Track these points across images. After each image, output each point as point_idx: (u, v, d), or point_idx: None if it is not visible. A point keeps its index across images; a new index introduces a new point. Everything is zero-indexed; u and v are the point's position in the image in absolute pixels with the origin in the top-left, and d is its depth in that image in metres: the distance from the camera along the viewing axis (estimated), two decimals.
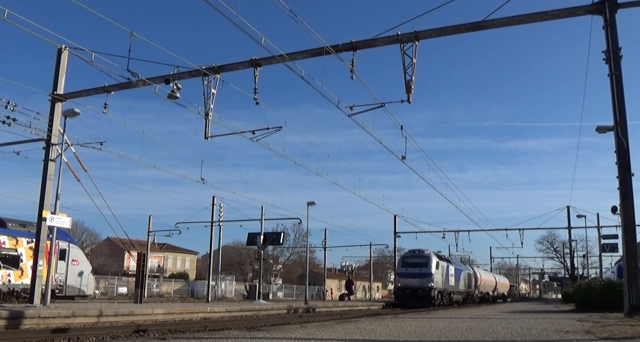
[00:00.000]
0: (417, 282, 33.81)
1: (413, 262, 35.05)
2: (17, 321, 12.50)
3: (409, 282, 34.25)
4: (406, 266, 35.26)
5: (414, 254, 36.22)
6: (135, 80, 16.40)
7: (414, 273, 34.28)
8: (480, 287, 49.82)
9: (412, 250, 37.38)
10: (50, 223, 17.46)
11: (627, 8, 13.57)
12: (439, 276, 34.98)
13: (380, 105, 15.61)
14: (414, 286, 33.76)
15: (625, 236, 13.04)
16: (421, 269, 34.22)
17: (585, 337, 8.31)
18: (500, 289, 61.90)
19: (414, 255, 36.06)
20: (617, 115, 13.12)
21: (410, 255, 36.54)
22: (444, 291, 36.23)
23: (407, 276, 34.65)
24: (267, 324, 13.58)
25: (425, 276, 33.94)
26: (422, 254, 35.67)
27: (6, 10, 13.45)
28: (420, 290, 33.28)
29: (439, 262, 35.79)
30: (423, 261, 34.74)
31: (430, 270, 34.13)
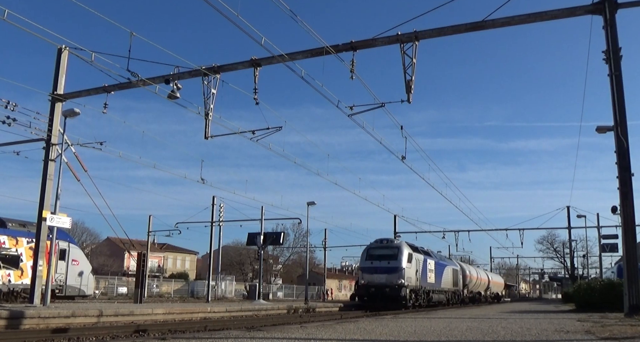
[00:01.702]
0: (384, 279, 27.93)
1: (380, 255, 29.16)
2: (17, 321, 12.50)
3: (374, 278, 28.35)
4: (371, 259, 29.34)
5: (380, 245, 30.17)
6: (135, 80, 16.40)
7: (381, 268, 28.42)
8: (470, 286, 45.04)
9: (379, 239, 30.94)
10: (50, 223, 17.46)
11: (627, 8, 13.58)
12: (412, 271, 29.18)
13: (380, 105, 15.61)
14: (380, 283, 27.91)
15: (625, 236, 13.04)
16: (389, 262, 28.33)
17: (585, 337, 8.31)
18: (494, 288, 57.71)
19: (381, 245, 30.03)
20: (617, 115, 13.12)
21: (376, 246, 30.37)
22: (420, 289, 30.31)
23: (372, 271, 28.70)
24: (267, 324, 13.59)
25: (394, 270, 28.02)
26: (391, 245, 29.79)
27: (6, 10, 13.47)
28: (388, 288, 27.44)
29: (413, 254, 29.83)
30: (392, 253, 28.85)
31: (400, 263, 28.17)
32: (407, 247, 29.78)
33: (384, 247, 29.76)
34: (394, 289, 27.37)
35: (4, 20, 13.37)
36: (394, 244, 29.93)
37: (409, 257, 28.92)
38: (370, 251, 30.09)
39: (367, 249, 30.47)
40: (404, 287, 27.54)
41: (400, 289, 27.40)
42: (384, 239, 30.80)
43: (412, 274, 29.28)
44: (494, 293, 57.40)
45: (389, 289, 27.43)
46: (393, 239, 31.16)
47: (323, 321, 13.94)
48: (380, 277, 28.21)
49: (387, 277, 27.96)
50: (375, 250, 29.88)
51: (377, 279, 28.22)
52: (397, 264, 28.21)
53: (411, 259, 29.27)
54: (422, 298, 30.47)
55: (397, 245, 29.66)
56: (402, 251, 28.88)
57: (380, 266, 28.56)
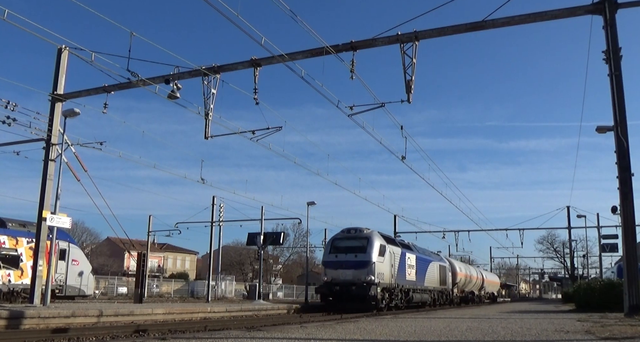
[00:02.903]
0: (351, 275, 24.00)
1: (346, 247, 25.08)
2: (17, 321, 12.50)
3: (339, 274, 24.36)
4: (336, 252, 25.17)
5: (347, 235, 25.87)
6: (135, 80, 16.40)
7: (347, 262, 24.37)
8: (461, 285, 41.59)
9: (346, 229, 26.56)
10: (50, 223, 17.46)
11: (627, 8, 13.59)
12: (385, 266, 25.08)
13: (380, 105, 15.62)
14: (346, 281, 23.97)
15: (625, 236, 13.05)
16: (357, 255, 24.33)
17: (585, 337, 8.31)
18: (489, 287, 54.45)
19: (348, 236, 25.77)
20: (617, 115, 13.12)
21: (342, 236, 26.09)
22: (396, 287, 26.28)
23: (337, 266, 24.63)
24: (267, 324, 13.59)
25: (362, 265, 24.01)
26: (360, 235, 25.38)
27: (6, 10, 13.47)
28: (355, 286, 23.50)
29: (386, 246, 25.68)
30: (360, 245, 24.73)
31: (369, 257, 24.07)
32: (379, 237, 25.46)
33: (351, 237, 25.46)
34: (362, 288, 23.38)
35: (4, 20, 13.39)
36: (362, 234, 25.34)
37: (380, 250, 24.81)
38: (336, 242, 25.86)
39: (332, 240, 26.25)
40: (373, 285, 23.49)
41: (369, 287, 23.35)
42: (352, 229, 26.22)
43: (386, 270, 25.11)
44: (488, 293, 54.51)
45: (355, 286, 23.45)
46: (362, 229, 25.83)
47: (323, 321, 13.95)
48: (346, 273, 24.22)
49: (353, 273, 23.98)
50: (341, 241, 25.68)
51: (342, 276, 24.23)
52: (366, 258, 24.10)
53: (384, 252, 25.07)
54: (398, 298, 26.54)
55: (366, 235, 25.17)
56: (373, 242, 24.71)
57: (346, 260, 24.47)
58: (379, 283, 23.94)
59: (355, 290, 23.37)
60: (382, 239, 25.60)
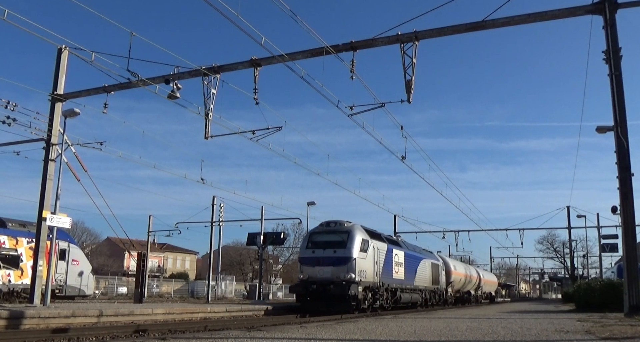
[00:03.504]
0: (329, 273, 21.59)
1: (325, 242, 22.80)
2: (17, 321, 12.50)
3: (316, 272, 21.93)
4: (314, 247, 22.79)
5: (326, 229, 23.52)
6: (135, 80, 16.40)
7: (325, 258, 22.06)
8: (456, 284, 39.40)
9: (325, 222, 24.16)
10: (50, 223, 17.46)
11: (627, 8, 13.60)
12: (367, 262, 22.78)
13: (380, 105, 15.63)
14: (324, 279, 21.57)
15: (625, 236, 13.06)
16: (335, 251, 22.03)
17: (585, 337, 8.31)
18: (486, 287, 52.21)
19: (327, 229, 23.44)
20: (617, 115, 13.13)
21: (320, 230, 23.77)
22: (380, 286, 23.96)
23: (314, 262, 22.17)
24: (267, 324, 13.59)
25: (342, 262, 21.68)
26: (340, 228, 23.07)
27: (6, 10, 13.47)
28: (333, 285, 21.15)
29: (369, 241, 23.34)
30: (340, 239, 22.47)
31: (349, 252, 21.76)
32: (361, 232, 23.12)
33: (331, 232, 23.12)
34: (340, 287, 20.96)
35: (4, 20, 13.39)
36: (343, 228, 23.00)
37: (362, 245, 22.51)
38: (313, 236, 23.50)
39: (310, 235, 23.89)
40: (354, 284, 21.08)
41: (348, 286, 20.90)
42: (332, 222, 23.85)
43: (369, 267, 22.79)
44: (486, 293, 52.46)
45: (333, 285, 21.10)
46: (343, 222, 23.53)
47: (323, 321, 13.95)
48: (323, 270, 21.80)
49: (332, 270, 21.57)
50: (319, 236, 23.30)
51: (319, 273, 21.82)
52: (346, 254, 21.76)
53: (366, 248, 22.76)
54: (383, 298, 24.14)
55: (347, 229, 22.88)
56: (354, 236, 22.38)
57: (324, 256, 22.11)
58: (360, 282, 21.60)
59: (333, 289, 20.99)
60: (364, 234, 23.25)
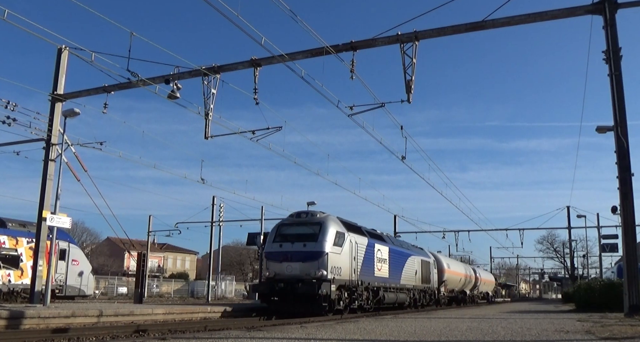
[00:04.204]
0: (298, 270, 19.02)
1: (294, 234, 20.17)
2: (17, 321, 12.49)
3: (283, 269, 19.29)
4: (282, 241, 20.11)
5: (296, 220, 20.84)
6: (135, 80, 16.41)
7: (293, 253, 19.41)
8: (450, 284, 36.94)
9: (296, 212, 21.57)
10: (50, 223, 17.46)
11: (627, 8, 13.60)
12: (343, 258, 20.11)
13: (380, 105, 15.64)
14: (292, 276, 18.96)
15: (625, 236, 13.06)
16: (305, 245, 19.41)
17: (585, 337, 8.31)
18: (483, 287, 50.08)
19: (297, 221, 20.76)
20: (617, 115, 13.14)
21: (290, 221, 21.02)
22: (359, 285, 21.20)
23: (281, 257, 19.53)
24: (267, 324, 13.59)
25: (312, 257, 19.03)
26: (311, 220, 20.42)
27: (6, 10, 13.48)
28: (301, 283, 18.54)
29: (345, 234, 20.59)
30: (310, 231, 19.87)
31: (321, 246, 19.13)
32: (335, 223, 20.40)
33: (301, 223, 20.48)
34: (310, 285, 18.26)
35: (4, 20, 13.39)
36: (315, 219, 20.35)
37: (337, 238, 19.84)
38: (282, 228, 20.74)
39: (278, 227, 21.10)
40: (325, 282, 18.42)
41: (319, 284, 18.20)
42: (302, 212, 21.40)
43: (344, 263, 20.12)
44: (482, 293, 50.42)
45: (302, 284, 18.46)
46: (315, 212, 21.15)
47: (323, 321, 13.95)
48: (291, 267, 19.19)
49: (301, 266, 19.02)
50: (287, 228, 20.64)
51: (287, 270, 19.19)
52: (317, 248, 19.11)
53: (342, 241, 20.14)
54: (362, 298, 21.44)
55: (319, 220, 20.18)
56: (327, 228, 19.66)
57: (293, 250, 19.46)
58: (333, 279, 18.96)
59: (301, 288, 18.37)
60: (340, 225, 20.59)
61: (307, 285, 18.41)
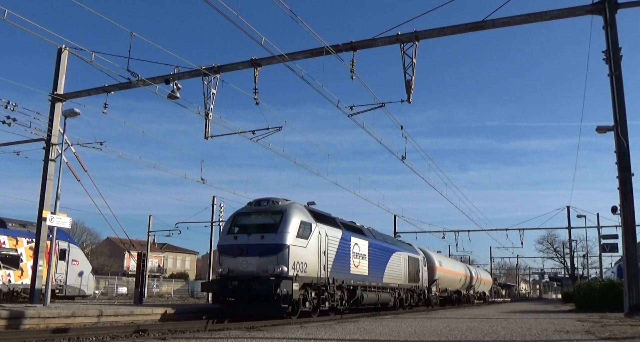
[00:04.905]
0: (254, 265, 16.38)
1: (252, 225, 17.46)
2: (17, 321, 12.49)
3: (238, 264, 16.60)
4: (237, 233, 17.40)
5: (255, 209, 17.96)
6: (135, 80, 16.42)
7: (250, 246, 16.66)
8: (442, 283, 34.37)
9: (256, 200, 18.44)
10: (50, 223, 17.45)
11: (627, 8, 13.61)
12: (310, 252, 17.37)
13: (380, 105, 15.65)
14: (247, 273, 16.33)
15: (625, 236, 13.07)
16: (263, 236, 16.68)
17: (585, 337, 8.31)
18: (480, 286, 48.00)
19: (257, 209, 17.91)
20: (617, 115, 13.14)
21: (248, 210, 18.06)
22: (329, 283, 18.29)
23: (236, 252, 16.78)
24: (267, 324, 13.58)
25: (271, 250, 16.38)
26: (272, 208, 17.64)
27: (6, 10, 13.49)
28: (255, 281, 15.88)
29: (313, 225, 17.86)
30: (270, 221, 17.20)
31: (282, 238, 16.46)
32: (300, 212, 17.74)
33: (260, 212, 17.76)
34: (266, 283, 15.63)
35: (4, 20, 13.41)
36: (276, 207, 17.60)
37: (302, 229, 17.18)
38: (238, 218, 17.91)
39: (234, 216, 18.17)
40: (286, 280, 15.87)
41: (277, 282, 15.58)
42: (263, 200, 18.17)
43: (311, 258, 17.39)
44: (478, 292, 48.00)
45: (256, 282, 15.80)
46: (277, 199, 18.08)
47: (323, 321, 13.95)
48: (247, 262, 16.50)
49: (258, 262, 16.36)
50: (245, 217, 17.82)
51: (242, 266, 16.56)
52: (277, 240, 16.47)
53: (308, 233, 17.45)
54: (335, 298, 18.73)
55: (281, 208, 17.47)
56: (289, 217, 16.96)
57: (249, 243, 16.74)
58: (296, 277, 16.29)
59: (257, 287, 15.69)
60: (306, 215, 17.91)
61: (264, 283, 15.74)
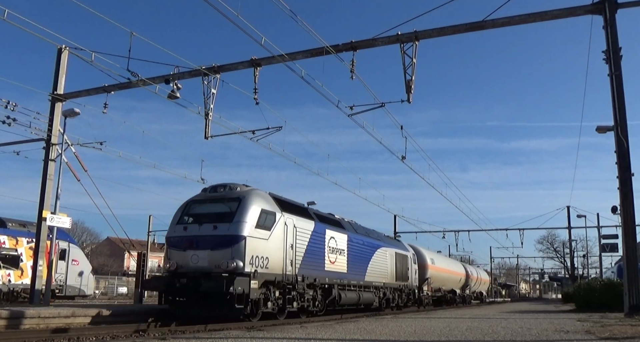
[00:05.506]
0: (206, 260, 14.06)
1: (205, 214, 15.05)
2: (17, 321, 12.48)
3: (187, 259, 14.29)
4: (188, 223, 15.04)
5: (210, 196, 15.60)
6: (135, 80, 16.43)
7: (201, 238, 14.35)
8: (434, 281, 32.11)
9: (211, 186, 16.15)
10: (50, 223, 17.48)
11: (627, 8, 13.61)
12: (273, 244, 15.11)
13: (380, 105, 15.66)
14: (198, 269, 14.05)
15: (625, 236, 13.08)
16: (216, 227, 14.32)
17: (585, 337, 8.31)
18: (476, 286, 45.78)
19: (212, 197, 15.55)
20: (617, 115, 13.15)
21: (202, 197, 15.73)
22: (298, 282, 16.11)
23: (185, 244, 14.47)
24: (267, 324, 13.58)
25: (225, 243, 14.05)
26: (229, 194, 15.28)
27: (6, 10, 13.50)
28: (205, 279, 13.54)
29: (277, 214, 15.58)
30: (226, 210, 14.82)
31: (238, 228, 14.13)
32: (261, 199, 15.34)
33: (216, 199, 15.40)
34: (216, 281, 13.32)
35: (4, 20, 13.42)
36: (233, 194, 15.27)
37: (263, 219, 14.89)
38: (191, 206, 15.54)
39: (185, 204, 15.70)
40: (242, 277, 13.56)
41: (230, 279, 13.22)
42: (219, 185, 15.86)
43: (274, 252, 15.15)
44: (475, 292, 46.13)
45: (205, 280, 13.48)
46: (236, 185, 15.70)
47: (323, 321, 13.95)
48: (198, 256, 14.19)
49: (210, 256, 14.07)
50: (198, 205, 15.50)
51: (193, 261, 14.24)
52: (232, 231, 14.13)
53: (270, 223, 15.19)
54: (305, 298, 16.61)
55: (238, 194, 15.13)
56: (247, 205, 14.64)
57: (200, 234, 14.43)
58: (255, 273, 14.05)
59: (206, 285, 13.40)
60: (269, 203, 15.61)
61: (214, 281, 13.40)
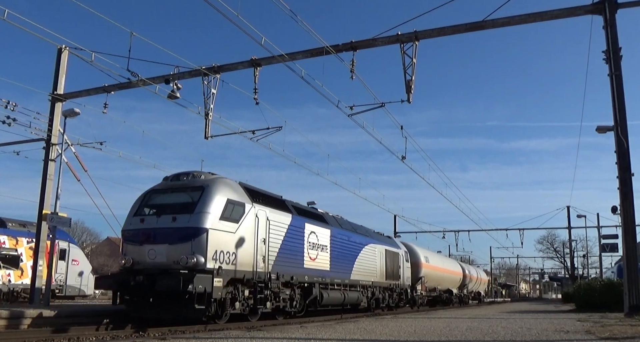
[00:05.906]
0: (164, 255, 12.68)
1: (164, 204, 13.68)
2: (17, 321, 12.49)
3: (144, 254, 12.90)
4: (147, 215, 13.69)
5: (172, 185, 14.20)
6: (135, 80, 16.42)
7: (159, 231, 12.99)
8: (428, 280, 30.81)
9: (174, 174, 14.68)
10: (50, 223, 17.46)
11: (627, 8, 13.61)
12: (241, 239, 13.79)
13: (381, 105, 15.66)
14: (156, 265, 12.70)
15: (625, 236, 13.07)
16: (176, 218, 12.92)
17: (585, 337, 8.31)
18: (473, 285, 44.37)
19: (173, 186, 14.15)
20: (617, 115, 13.15)
21: (164, 186, 14.31)
22: (271, 279, 14.73)
23: (142, 238, 13.13)
24: (267, 324, 13.58)
25: (185, 236, 12.64)
26: (192, 183, 13.92)
27: (6, 10, 13.48)
28: (161, 277, 12.14)
29: (247, 205, 14.21)
30: (187, 200, 13.43)
31: (199, 220, 12.75)
32: (227, 188, 14.00)
33: (177, 188, 14.00)
34: (173, 278, 11.95)
35: (4, 20, 13.40)
36: (196, 182, 13.92)
37: (229, 210, 13.52)
38: (150, 196, 14.18)
39: (145, 194, 14.34)
40: (203, 274, 12.17)
41: (189, 277, 11.90)
42: (182, 174, 14.52)
43: (243, 247, 13.78)
44: (472, 292, 44.85)
45: (160, 277, 12.15)
46: (199, 173, 14.46)
47: (323, 321, 13.96)
48: (155, 251, 12.81)
49: (168, 251, 12.68)
50: (158, 195, 14.10)
51: (150, 256, 12.82)
52: (192, 222, 12.76)
53: (238, 215, 13.80)
54: (280, 298, 15.34)
55: (202, 183, 13.79)
56: (211, 194, 13.27)
57: (158, 226, 13.07)
58: (219, 270, 12.65)
59: (161, 283, 12.03)
60: (237, 192, 14.26)
61: (170, 278, 11.99)
